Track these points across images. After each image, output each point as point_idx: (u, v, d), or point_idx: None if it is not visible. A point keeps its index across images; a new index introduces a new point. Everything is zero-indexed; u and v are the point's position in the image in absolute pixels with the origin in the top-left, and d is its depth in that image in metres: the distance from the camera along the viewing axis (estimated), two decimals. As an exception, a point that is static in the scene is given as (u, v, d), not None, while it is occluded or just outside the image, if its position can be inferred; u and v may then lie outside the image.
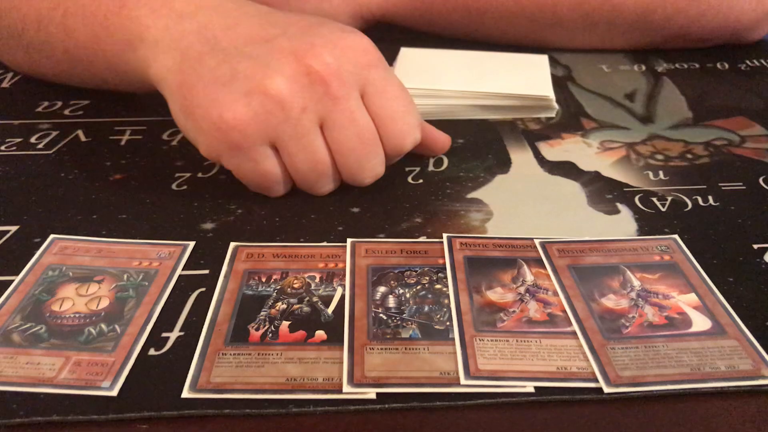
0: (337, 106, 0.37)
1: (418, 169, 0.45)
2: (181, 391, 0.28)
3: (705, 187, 0.43)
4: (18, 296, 0.33)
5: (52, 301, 0.33)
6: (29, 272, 0.34)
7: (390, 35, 0.66)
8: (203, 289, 0.34)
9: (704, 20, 0.63)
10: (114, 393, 0.28)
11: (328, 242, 0.37)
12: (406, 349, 0.30)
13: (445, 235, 0.37)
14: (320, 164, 0.39)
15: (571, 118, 0.52)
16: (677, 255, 0.36)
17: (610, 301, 0.33)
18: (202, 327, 0.31)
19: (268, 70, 0.37)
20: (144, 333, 0.31)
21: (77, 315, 0.32)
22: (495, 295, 0.33)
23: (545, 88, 0.54)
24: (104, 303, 0.33)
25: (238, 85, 0.36)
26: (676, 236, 0.38)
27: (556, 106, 0.53)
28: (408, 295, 0.33)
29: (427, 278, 0.34)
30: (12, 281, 0.34)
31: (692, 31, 0.63)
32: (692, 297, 0.33)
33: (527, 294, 0.33)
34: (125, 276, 0.34)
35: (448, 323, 0.32)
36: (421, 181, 0.44)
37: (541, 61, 0.59)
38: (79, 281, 0.34)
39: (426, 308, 0.33)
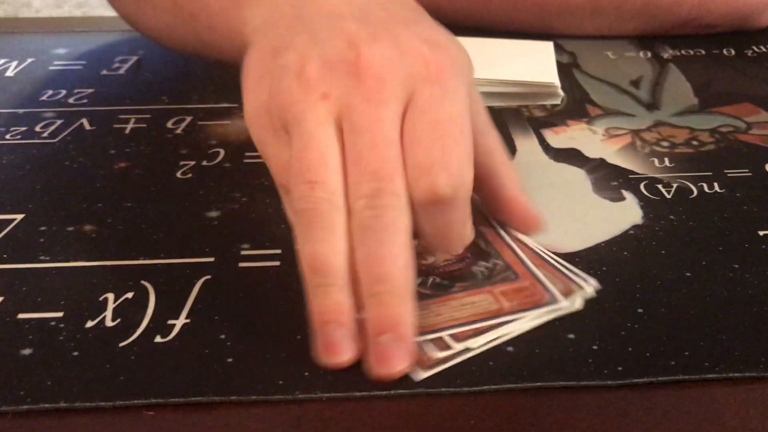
0: (363, 106, 0.31)
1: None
2: (187, 378, 0.28)
3: (711, 174, 0.43)
4: None
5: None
6: None
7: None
8: (209, 277, 0.34)
9: (712, 5, 0.62)
10: None
11: (332, 230, 0.37)
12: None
13: (449, 223, 0.37)
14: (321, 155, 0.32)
15: (577, 105, 0.52)
16: None
17: None
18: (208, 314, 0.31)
19: (315, 47, 0.33)
20: None
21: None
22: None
23: (550, 75, 0.53)
24: None
25: (282, 58, 0.33)
26: None
27: (561, 93, 0.53)
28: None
29: (432, 265, 0.34)
30: (17, 268, 0.34)
31: (701, 15, 0.63)
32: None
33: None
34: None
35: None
36: (425, 168, 0.43)
37: (546, 47, 0.59)
38: None
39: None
